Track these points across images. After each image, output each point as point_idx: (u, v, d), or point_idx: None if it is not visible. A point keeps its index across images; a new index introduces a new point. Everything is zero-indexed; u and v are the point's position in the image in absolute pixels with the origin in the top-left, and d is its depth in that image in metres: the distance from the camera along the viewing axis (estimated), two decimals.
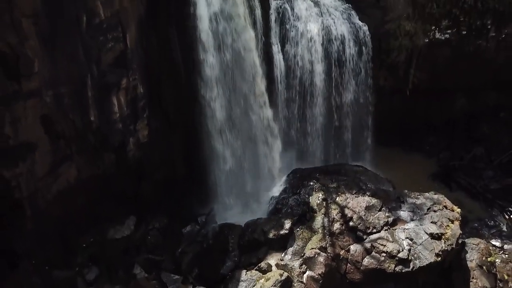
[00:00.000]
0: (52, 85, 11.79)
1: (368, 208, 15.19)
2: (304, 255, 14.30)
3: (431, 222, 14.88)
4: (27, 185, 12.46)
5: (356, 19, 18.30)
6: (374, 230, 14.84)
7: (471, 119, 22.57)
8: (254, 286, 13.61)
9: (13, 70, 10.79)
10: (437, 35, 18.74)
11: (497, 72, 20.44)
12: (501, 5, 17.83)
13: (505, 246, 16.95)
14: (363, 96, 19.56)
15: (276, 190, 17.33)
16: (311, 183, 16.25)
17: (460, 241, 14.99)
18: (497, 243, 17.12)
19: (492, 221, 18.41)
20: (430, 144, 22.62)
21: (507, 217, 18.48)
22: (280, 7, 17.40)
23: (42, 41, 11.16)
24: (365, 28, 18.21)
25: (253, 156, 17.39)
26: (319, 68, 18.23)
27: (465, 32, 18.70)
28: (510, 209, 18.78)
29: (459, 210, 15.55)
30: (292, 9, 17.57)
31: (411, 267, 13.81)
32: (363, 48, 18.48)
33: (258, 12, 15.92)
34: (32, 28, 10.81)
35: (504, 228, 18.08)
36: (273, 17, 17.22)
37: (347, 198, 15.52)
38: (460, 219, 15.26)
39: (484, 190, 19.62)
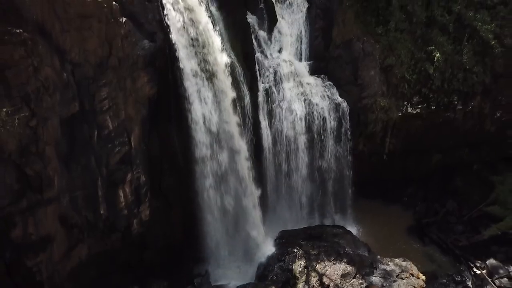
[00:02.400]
0: (68, 191, 13.72)
1: (344, 276, 17.27)
2: None
3: None
4: (46, 269, 14.42)
5: (336, 95, 20.32)
6: None
7: (446, 171, 24.44)
8: None
9: (37, 186, 12.76)
10: (409, 110, 20.73)
11: (466, 136, 22.46)
12: (465, 86, 19.79)
13: None
14: (344, 160, 21.57)
15: (264, 252, 19.28)
16: (295, 250, 18.28)
17: None
18: None
19: (459, 276, 20.18)
20: (408, 195, 24.47)
21: (472, 273, 20.36)
22: (267, 89, 19.41)
23: (61, 160, 13.06)
24: (344, 104, 20.24)
25: (243, 222, 19.32)
26: (302, 139, 20.31)
27: (434, 107, 20.62)
28: (477, 264, 20.69)
29: (424, 277, 17.62)
30: (278, 90, 19.57)
31: None
32: (343, 120, 20.50)
33: (247, 100, 17.84)
34: (53, 152, 12.71)
35: (470, 284, 19.93)
36: (261, 98, 19.24)
37: (326, 266, 17.59)
38: (424, 286, 17.33)
39: (453, 246, 21.43)
